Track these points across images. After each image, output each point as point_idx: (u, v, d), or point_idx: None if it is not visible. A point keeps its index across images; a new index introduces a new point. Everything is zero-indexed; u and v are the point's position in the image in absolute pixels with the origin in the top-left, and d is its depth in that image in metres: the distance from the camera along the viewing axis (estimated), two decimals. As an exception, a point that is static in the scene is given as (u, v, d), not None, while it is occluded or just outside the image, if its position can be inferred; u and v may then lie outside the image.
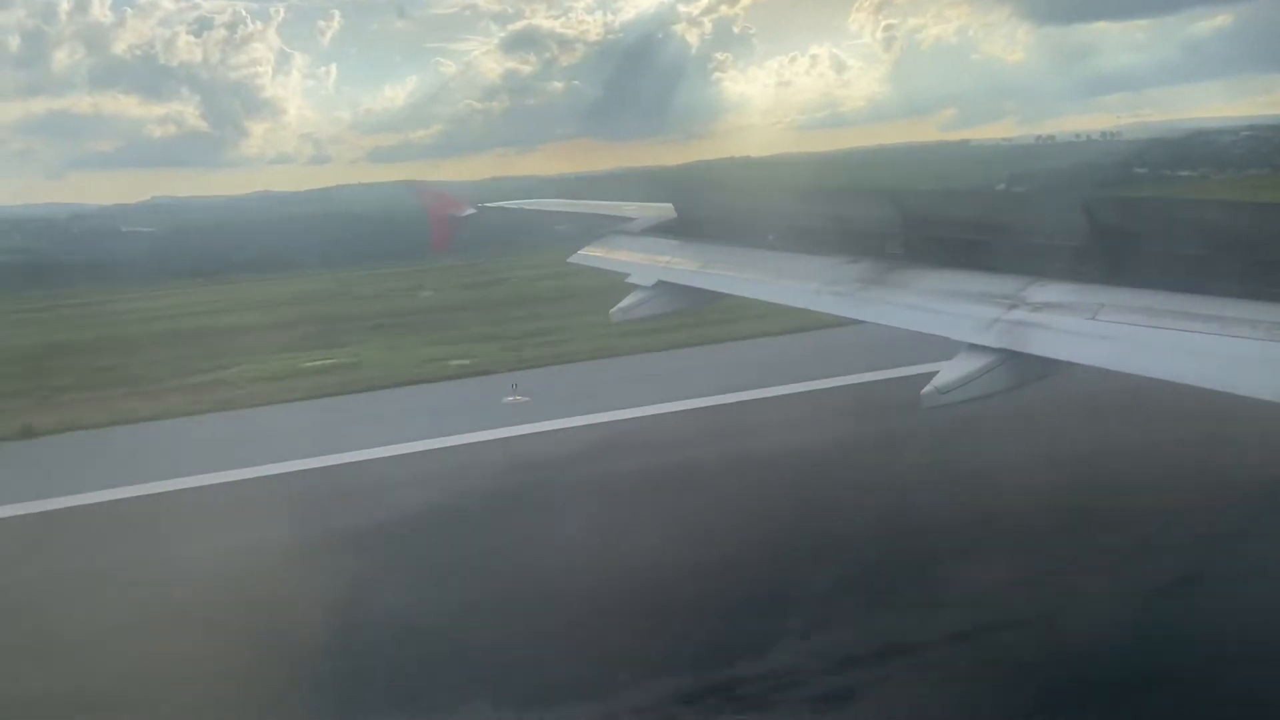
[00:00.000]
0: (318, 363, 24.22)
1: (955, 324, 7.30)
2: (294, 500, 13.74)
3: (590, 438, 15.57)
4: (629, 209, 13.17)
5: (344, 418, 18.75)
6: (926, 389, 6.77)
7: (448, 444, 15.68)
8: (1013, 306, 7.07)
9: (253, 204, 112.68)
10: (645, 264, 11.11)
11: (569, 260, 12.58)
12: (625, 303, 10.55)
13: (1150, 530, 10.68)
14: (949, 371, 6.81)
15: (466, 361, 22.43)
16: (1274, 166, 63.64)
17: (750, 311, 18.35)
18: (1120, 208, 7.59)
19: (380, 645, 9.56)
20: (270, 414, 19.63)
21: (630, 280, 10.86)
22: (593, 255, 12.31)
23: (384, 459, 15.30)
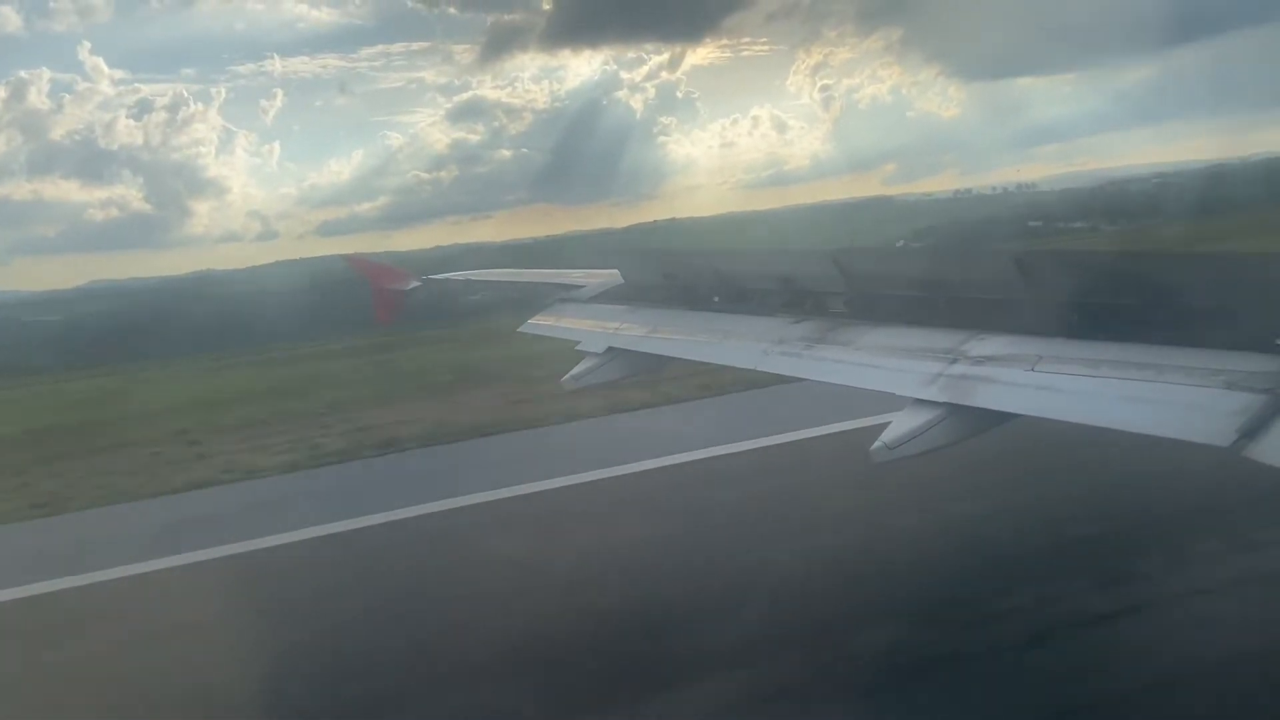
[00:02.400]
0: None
1: (900, 380, 7.43)
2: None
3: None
4: (575, 275, 13.28)
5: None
6: (876, 445, 6.80)
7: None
8: (954, 361, 7.23)
9: (189, 284, 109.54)
10: (594, 330, 11.19)
11: (519, 330, 12.63)
12: (576, 370, 10.58)
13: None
14: (896, 427, 6.86)
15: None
16: (1168, 216, 67.08)
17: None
18: (1052, 260, 7.89)
19: None
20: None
21: (580, 348, 10.91)
22: (542, 324, 12.37)
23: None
